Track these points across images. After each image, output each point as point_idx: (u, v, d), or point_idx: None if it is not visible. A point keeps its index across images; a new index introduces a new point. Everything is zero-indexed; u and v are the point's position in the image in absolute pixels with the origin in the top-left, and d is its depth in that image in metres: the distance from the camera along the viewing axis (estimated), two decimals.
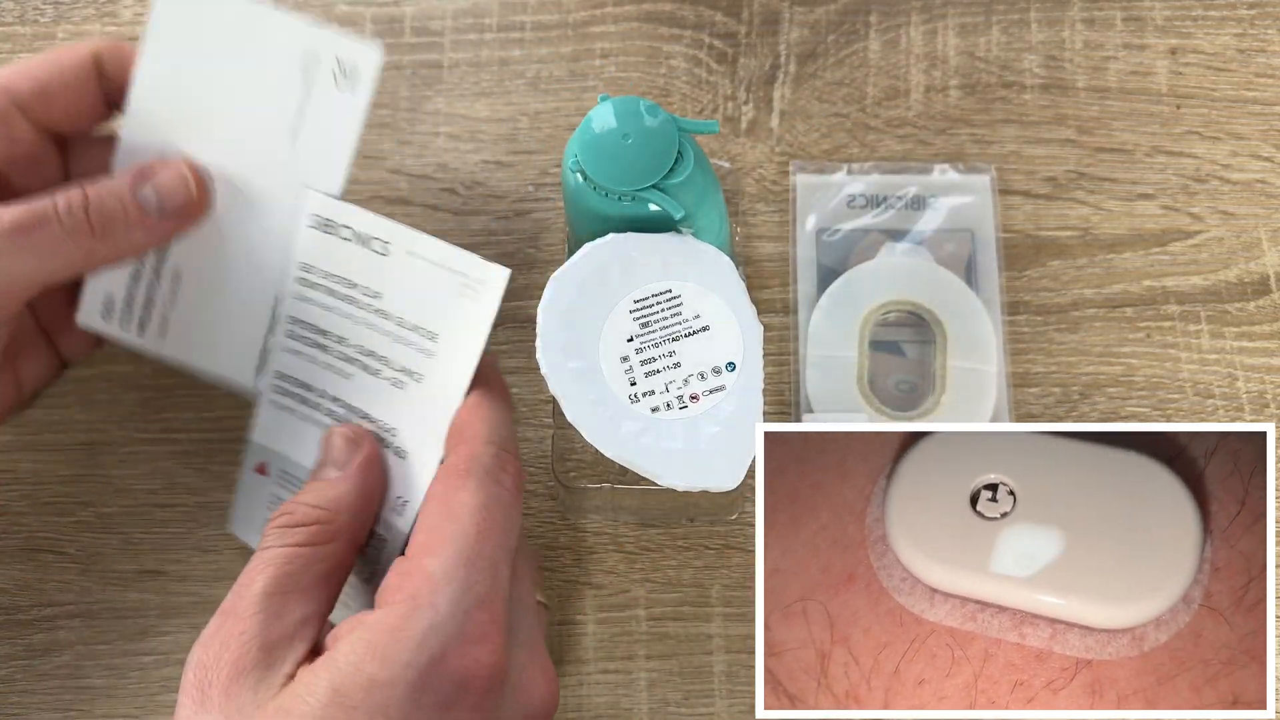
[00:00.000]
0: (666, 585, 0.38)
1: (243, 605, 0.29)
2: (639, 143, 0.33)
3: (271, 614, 0.29)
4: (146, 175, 0.35)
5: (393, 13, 0.46)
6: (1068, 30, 0.45)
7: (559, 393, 0.32)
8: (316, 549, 0.31)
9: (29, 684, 0.38)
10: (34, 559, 0.39)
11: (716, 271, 0.33)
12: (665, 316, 0.33)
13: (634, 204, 0.33)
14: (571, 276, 0.33)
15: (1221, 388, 0.40)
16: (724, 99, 0.44)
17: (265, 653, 0.28)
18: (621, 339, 0.32)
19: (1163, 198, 0.42)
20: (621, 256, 0.33)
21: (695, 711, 0.37)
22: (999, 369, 0.39)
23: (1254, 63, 0.44)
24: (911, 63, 0.45)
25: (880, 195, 0.42)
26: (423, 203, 0.43)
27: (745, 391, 0.32)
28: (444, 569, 0.28)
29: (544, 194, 0.43)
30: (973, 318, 0.40)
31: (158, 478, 0.40)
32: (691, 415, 0.32)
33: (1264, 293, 0.41)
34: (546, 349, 0.32)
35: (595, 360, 0.32)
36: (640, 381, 0.32)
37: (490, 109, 0.44)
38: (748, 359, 0.32)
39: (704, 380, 0.32)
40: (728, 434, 0.32)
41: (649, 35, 0.45)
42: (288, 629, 0.29)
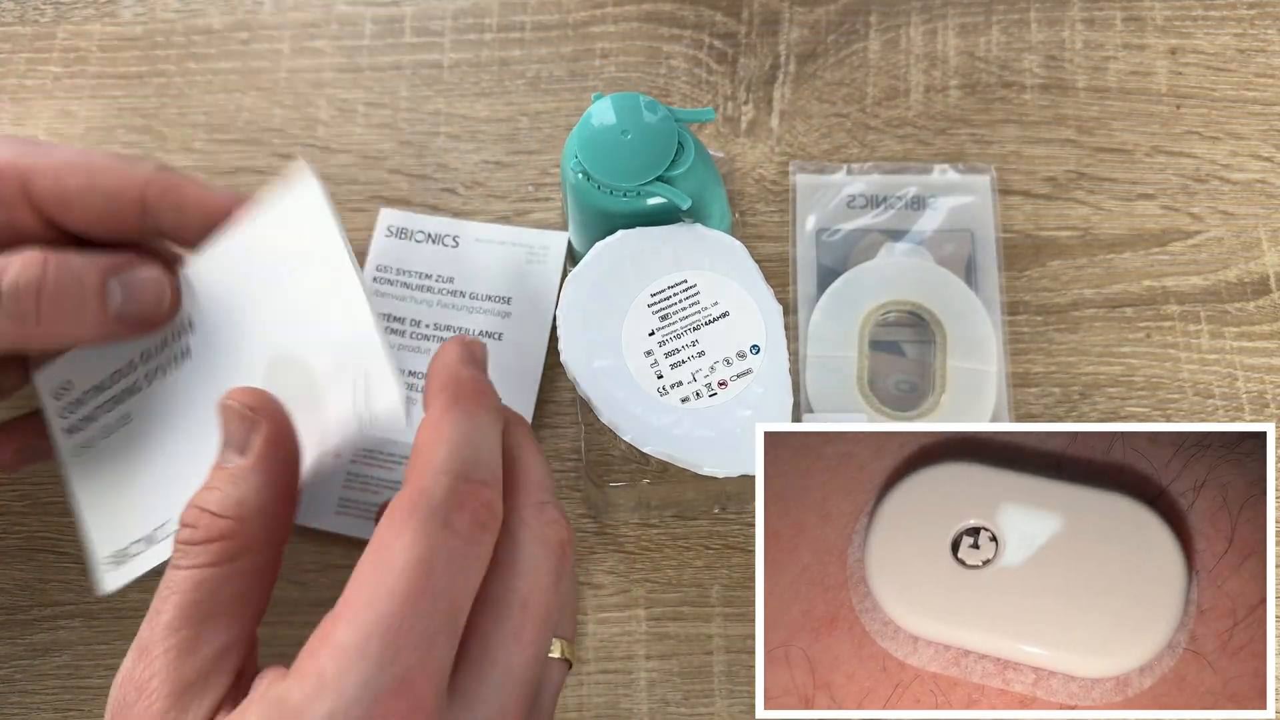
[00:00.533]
0: (666, 585, 0.38)
1: (154, 641, 0.26)
2: (639, 138, 0.33)
3: (183, 650, 0.26)
4: (120, 268, 0.31)
5: (393, 13, 0.46)
6: (1068, 30, 0.45)
7: (589, 393, 0.32)
8: (227, 567, 0.27)
9: (29, 684, 0.38)
10: (34, 559, 0.39)
11: (729, 257, 0.34)
12: (684, 306, 0.33)
13: (638, 199, 0.33)
14: (588, 276, 0.33)
15: (1221, 388, 0.40)
16: (724, 99, 0.44)
17: (175, 699, 0.25)
18: (643, 333, 0.33)
19: (1163, 198, 0.42)
20: (634, 251, 0.33)
21: (695, 711, 0.37)
22: (999, 368, 0.39)
23: (1254, 63, 0.44)
24: (911, 63, 0.45)
25: (880, 195, 0.42)
26: (423, 203, 0.43)
27: (772, 372, 0.32)
28: (356, 641, 0.24)
29: (544, 194, 0.43)
30: (973, 317, 0.40)
31: None
32: (722, 402, 0.32)
33: (1264, 293, 0.41)
34: (571, 350, 0.32)
35: (620, 357, 0.32)
36: (667, 374, 0.32)
37: (490, 109, 0.44)
38: (770, 340, 0.33)
39: (730, 366, 0.32)
40: (760, 416, 0.32)
41: (649, 35, 0.45)
42: (201, 666, 0.26)
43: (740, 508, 0.39)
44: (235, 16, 0.46)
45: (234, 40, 0.46)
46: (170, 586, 0.27)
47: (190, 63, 0.45)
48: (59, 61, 0.46)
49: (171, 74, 0.45)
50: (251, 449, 0.28)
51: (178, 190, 0.33)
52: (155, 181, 0.32)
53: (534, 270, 0.41)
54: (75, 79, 0.45)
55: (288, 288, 0.31)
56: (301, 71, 0.45)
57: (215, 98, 0.45)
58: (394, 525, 0.25)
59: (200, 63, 0.45)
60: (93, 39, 0.46)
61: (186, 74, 0.45)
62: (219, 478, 0.28)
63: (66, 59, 0.46)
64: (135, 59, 0.45)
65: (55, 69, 0.45)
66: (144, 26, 0.46)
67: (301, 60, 0.45)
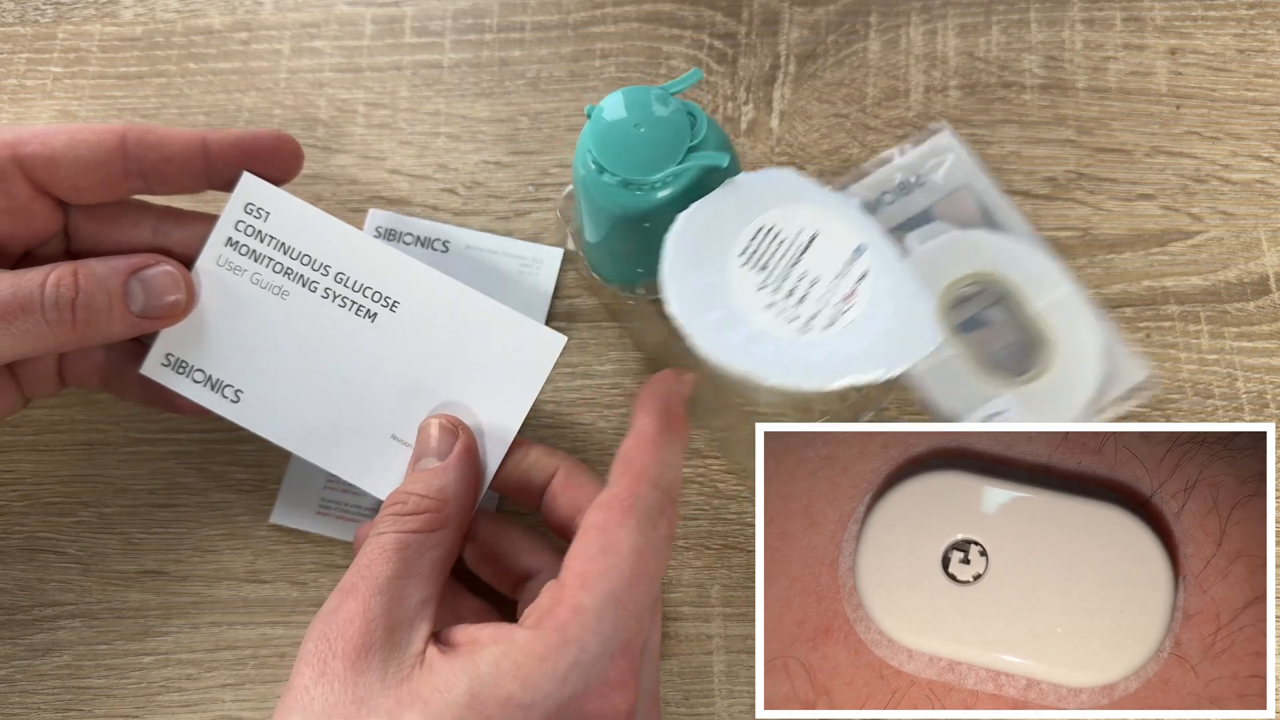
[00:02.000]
0: (666, 585, 0.38)
1: (365, 585, 0.30)
2: (652, 129, 0.33)
3: (395, 596, 0.30)
4: (137, 267, 0.34)
5: (393, 13, 0.46)
6: (1068, 30, 0.45)
7: (747, 372, 0.31)
8: (430, 535, 0.32)
9: (29, 684, 0.38)
10: (34, 559, 0.39)
11: (782, 187, 0.33)
12: (773, 250, 0.33)
13: (652, 192, 0.33)
14: (679, 272, 0.32)
15: (1221, 388, 0.40)
16: (724, 99, 0.44)
17: (390, 632, 0.29)
18: (753, 291, 0.32)
19: (1162, 198, 0.42)
20: (703, 224, 0.33)
21: (695, 711, 0.37)
22: (1078, 291, 0.39)
23: (1254, 63, 0.44)
24: (911, 63, 0.45)
25: (872, 199, 0.42)
26: (423, 203, 0.43)
27: (886, 261, 0.32)
28: (596, 607, 0.29)
29: (544, 194, 0.43)
30: (1027, 257, 0.39)
31: (158, 478, 0.40)
32: (860, 309, 0.32)
33: (1264, 293, 0.41)
34: (705, 341, 0.31)
35: (748, 323, 0.32)
36: (787, 308, 0.32)
37: (490, 109, 0.44)
38: (869, 235, 0.32)
39: (846, 276, 0.32)
40: (900, 302, 0.32)
41: (649, 35, 0.45)
42: (410, 611, 0.30)
43: (740, 507, 0.39)
44: (235, 16, 0.46)
45: (234, 40, 0.46)
46: (381, 545, 0.31)
47: (190, 63, 0.45)
48: (59, 61, 0.46)
49: (171, 74, 0.45)
50: (452, 453, 0.34)
51: (153, 130, 0.35)
52: (132, 127, 0.35)
53: (525, 282, 0.41)
54: (75, 79, 0.45)
55: (489, 366, 0.36)
56: (301, 71, 0.45)
57: (215, 98, 0.45)
58: (615, 516, 0.30)
59: (200, 63, 0.45)
60: (93, 39, 0.46)
61: (186, 74, 0.45)
62: (422, 474, 0.33)
63: (66, 59, 0.46)
64: (135, 59, 0.45)
65: (55, 69, 0.45)
66: (144, 27, 0.46)
67: (301, 60, 0.45)
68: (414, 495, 0.32)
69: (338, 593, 0.30)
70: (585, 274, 0.41)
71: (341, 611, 0.30)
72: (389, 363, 0.36)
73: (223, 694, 0.37)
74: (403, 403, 0.36)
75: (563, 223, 0.41)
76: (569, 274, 0.42)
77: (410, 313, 0.36)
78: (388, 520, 0.32)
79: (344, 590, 0.30)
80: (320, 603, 0.38)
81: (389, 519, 0.32)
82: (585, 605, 0.29)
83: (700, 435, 0.40)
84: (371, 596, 0.30)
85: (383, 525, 0.32)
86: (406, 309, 0.36)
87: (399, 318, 0.36)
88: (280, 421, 0.36)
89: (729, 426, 0.39)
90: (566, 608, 0.29)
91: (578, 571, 0.30)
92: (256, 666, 0.38)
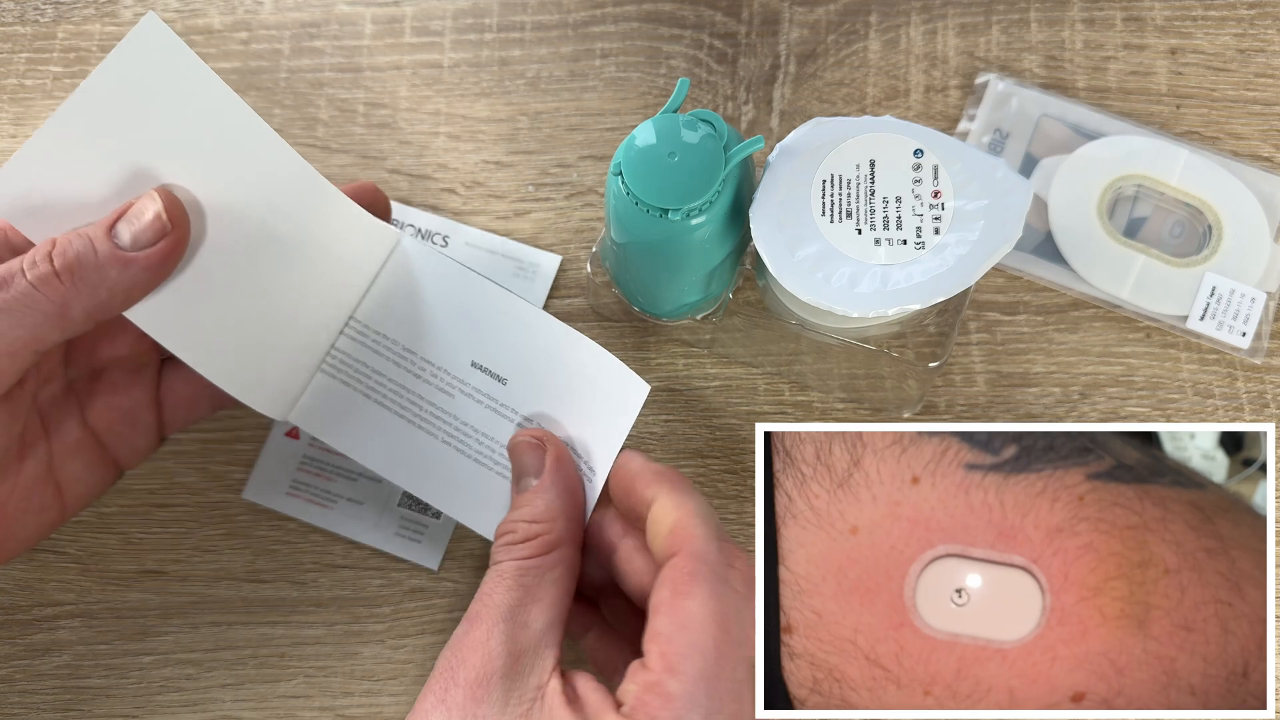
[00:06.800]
0: None
1: (488, 613, 0.30)
2: (685, 156, 0.32)
3: (517, 624, 0.30)
4: (121, 214, 0.32)
5: (393, 13, 0.46)
6: (1068, 30, 0.45)
7: (878, 313, 0.32)
8: (544, 558, 0.31)
9: (29, 684, 0.38)
10: (34, 559, 0.39)
11: (824, 133, 0.34)
12: (846, 190, 0.33)
13: (685, 221, 0.33)
14: (779, 254, 0.33)
15: (1221, 388, 0.40)
16: (724, 99, 0.44)
17: (513, 660, 0.29)
18: (855, 238, 0.33)
19: None
20: (775, 215, 0.33)
21: None
22: (1239, 169, 0.41)
23: (1254, 63, 0.44)
24: (911, 62, 0.45)
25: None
26: (423, 202, 0.43)
27: (953, 150, 0.33)
28: (685, 692, 0.28)
29: (544, 194, 0.43)
30: (1162, 150, 0.41)
31: (158, 478, 0.40)
32: (950, 208, 0.32)
33: None
34: (830, 299, 0.32)
35: (861, 263, 0.32)
36: (894, 236, 0.32)
37: (490, 109, 0.44)
38: (915, 134, 0.33)
39: (921, 182, 0.33)
40: (984, 186, 0.33)
41: (649, 35, 0.45)
42: (533, 637, 0.30)
43: (740, 507, 0.39)
44: (235, 16, 0.46)
45: (234, 40, 0.46)
46: (499, 574, 0.31)
47: None
48: (59, 61, 0.46)
49: None
50: (545, 469, 0.34)
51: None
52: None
53: (520, 285, 0.41)
54: (75, 79, 0.45)
55: (586, 403, 0.36)
56: (301, 71, 0.45)
57: None
58: (681, 587, 0.29)
59: None
60: (93, 39, 0.46)
61: None
62: (523, 499, 0.33)
63: (66, 59, 0.46)
64: None
65: (55, 69, 0.45)
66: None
67: (301, 60, 0.45)
68: (520, 523, 0.32)
69: (465, 620, 0.31)
70: (635, 318, 0.41)
71: (466, 640, 0.30)
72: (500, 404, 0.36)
73: (222, 694, 0.37)
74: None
75: (599, 284, 0.40)
76: (569, 274, 0.42)
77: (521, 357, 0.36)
78: (501, 550, 0.32)
79: (470, 618, 0.30)
80: (319, 602, 0.38)
81: (502, 549, 0.32)
82: (672, 691, 0.28)
83: (701, 435, 0.40)
84: (494, 625, 0.30)
85: (498, 554, 0.32)
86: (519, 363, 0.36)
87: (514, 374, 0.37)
88: (399, 467, 0.36)
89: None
90: (656, 696, 0.28)
91: (659, 654, 0.28)
92: (256, 666, 0.38)
